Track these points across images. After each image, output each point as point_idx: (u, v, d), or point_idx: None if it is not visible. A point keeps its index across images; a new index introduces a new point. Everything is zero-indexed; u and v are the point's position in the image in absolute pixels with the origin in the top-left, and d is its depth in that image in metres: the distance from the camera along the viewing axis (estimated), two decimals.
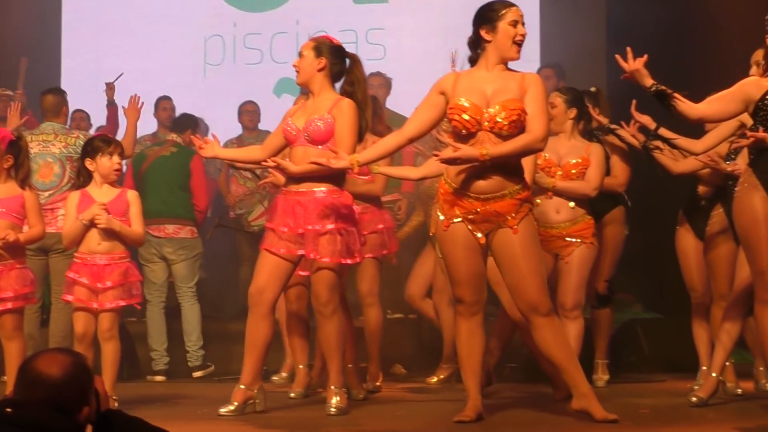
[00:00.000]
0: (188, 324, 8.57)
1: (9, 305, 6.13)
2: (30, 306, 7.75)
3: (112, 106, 9.60)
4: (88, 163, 6.38)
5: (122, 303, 6.32)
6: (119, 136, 8.26)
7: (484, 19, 5.42)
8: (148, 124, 9.85)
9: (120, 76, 9.60)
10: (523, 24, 5.41)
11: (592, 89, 7.59)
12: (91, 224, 6.26)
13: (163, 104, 9.97)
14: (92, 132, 9.32)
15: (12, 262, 6.16)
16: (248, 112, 10.07)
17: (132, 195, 6.47)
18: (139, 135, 9.15)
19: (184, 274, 8.61)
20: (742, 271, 6.01)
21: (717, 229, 6.60)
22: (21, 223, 6.22)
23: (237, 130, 10.10)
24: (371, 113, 6.30)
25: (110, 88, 9.61)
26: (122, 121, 8.74)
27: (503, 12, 5.40)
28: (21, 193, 6.17)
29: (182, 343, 8.57)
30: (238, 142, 9.77)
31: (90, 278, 6.26)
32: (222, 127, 9.43)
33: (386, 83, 9.37)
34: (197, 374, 8.43)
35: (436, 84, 5.52)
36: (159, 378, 8.45)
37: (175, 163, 8.66)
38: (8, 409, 3.14)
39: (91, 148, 6.42)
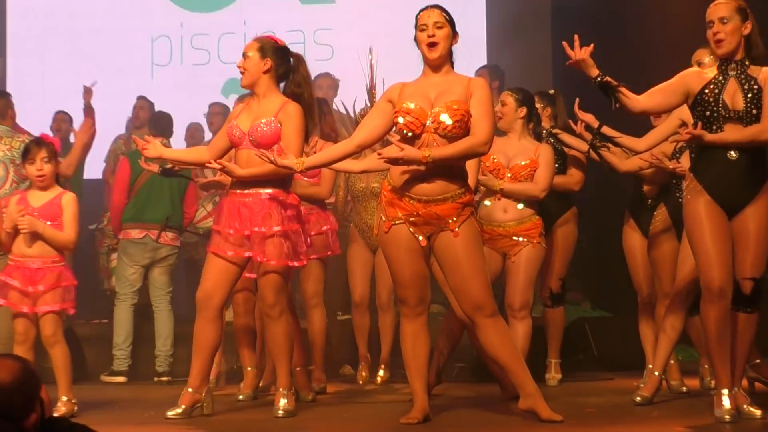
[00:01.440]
0: (163, 328, 8.54)
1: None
2: None
3: (89, 110, 9.57)
4: (25, 168, 6.43)
5: (56, 308, 6.28)
6: (98, 141, 8.39)
7: (414, 28, 5.52)
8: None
9: (94, 83, 9.56)
10: (436, 26, 5.44)
11: (551, 91, 7.69)
12: (16, 229, 6.26)
13: (140, 103, 9.95)
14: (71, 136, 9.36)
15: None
16: (216, 114, 10.05)
17: (67, 198, 6.40)
18: (120, 134, 9.27)
19: (165, 280, 8.63)
20: (684, 269, 6.09)
21: (660, 228, 6.67)
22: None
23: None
24: (318, 114, 6.32)
25: (87, 91, 9.54)
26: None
27: (417, 17, 5.51)
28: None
29: (144, 346, 8.54)
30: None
31: (22, 281, 6.24)
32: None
33: (334, 84, 9.41)
34: (162, 379, 8.40)
35: (384, 93, 5.61)
36: (120, 379, 8.43)
37: None
38: None
39: (24, 152, 6.42)
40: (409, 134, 5.38)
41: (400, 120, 5.40)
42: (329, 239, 7.18)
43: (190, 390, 5.99)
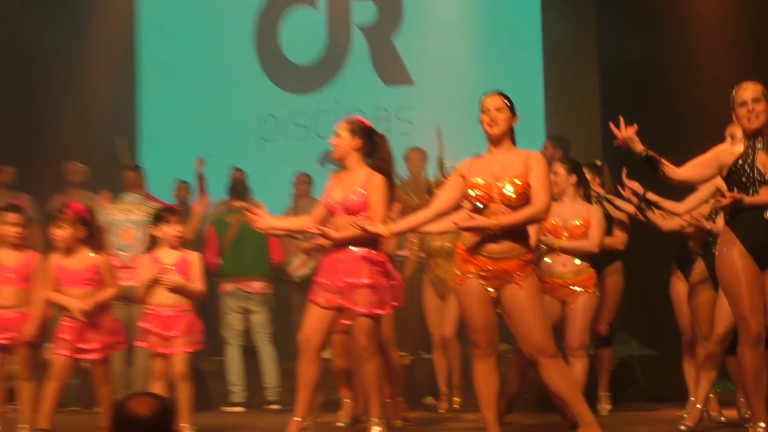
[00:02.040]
0: (267, 364, 8.66)
1: (98, 355, 6.31)
2: None
3: (201, 178, 9.84)
4: (154, 230, 6.54)
5: (188, 350, 6.42)
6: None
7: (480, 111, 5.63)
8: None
9: (209, 156, 9.82)
10: (496, 109, 5.53)
11: (597, 162, 7.73)
12: (156, 282, 6.39)
13: (236, 174, 10.15)
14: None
15: (101, 317, 6.33)
16: (303, 183, 10.22)
17: (194, 257, 6.57)
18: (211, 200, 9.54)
19: (264, 323, 8.74)
20: (721, 316, 6.10)
21: (698, 279, 6.66)
22: (98, 286, 6.35)
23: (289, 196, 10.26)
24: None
25: (200, 161, 9.81)
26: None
27: (481, 102, 5.61)
28: (94, 260, 6.33)
29: (258, 379, 8.65)
30: (294, 208, 9.90)
31: (160, 327, 6.38)
32: (277, 195, 9.63)
33: (423, 156, 9.52)
34: (273, 407, 8.48)
35: (456, 168, 5.71)
36: (238, 409, 8.54)
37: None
38: None
39: (156, 218, 6.58)
40: (480, 205, 5.48)
41: (471, 193, 5.50)
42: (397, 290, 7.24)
43: (297, 419, 6.08)
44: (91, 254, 6.32)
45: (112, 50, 11.71)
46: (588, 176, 7.24)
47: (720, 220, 6.30)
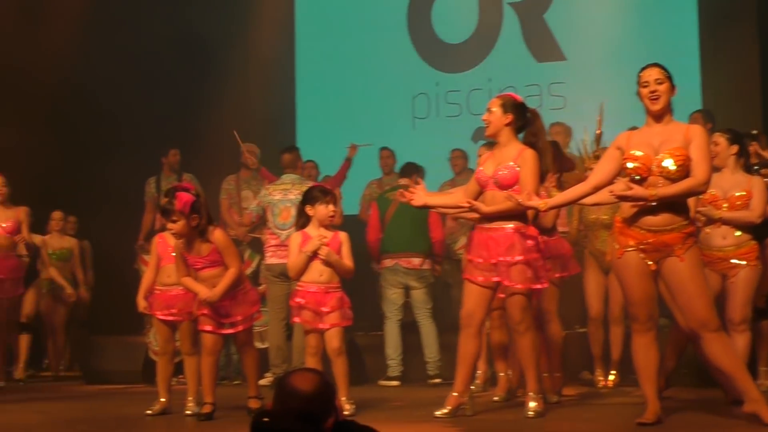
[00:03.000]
0: (427, 338, 8.65)
1: (240, 327, 6.39)
2: (279, 322, 8.09)
3: (347, 161, 9.92)
4: (308, 209, 6.50)
5: (341, 324, 6.40)
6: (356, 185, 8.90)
7: (637, 85, 5.45)
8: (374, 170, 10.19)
9: (368, 145, 9.86)
10: (656, 82, 5.37)
11: (753, 132, 7.45)
12: (314, 255, 6.41)
13: (386, 153, 10.20)
14: (320, 179, 9.69)
15: (239, 290, 6.36)
16: (459, 158, 10.19)
17: (343, 236, 6.54)
18: (372, 179, 9.72)
19: (424, 299, 8.72)
20: None
21: None
22: (220, 267, 6.30)
23: (445, 173, 10.22)
24: (551, 158, 6.30)
25: (354, 147, 9.91)
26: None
27: (639, 75, 5.46)
28: (213, 242, 6.29)
29: (415, 354, 8.64)
30: (451, 183, 9.85)
31: (313, 303, 6.39)
32: (430, 173, 9.61)
33: (565, 131, 9.33)
34: (434, 381, 8.45)
35: (614, 141, 5.56)
36: (394, 383, 8.55)
37: None
38: (265, 419, 3.29)
39: (311, 197, 6.53)
40: (637, 177, 5.32)
41: (629, 165, 5.35)
42: (565, 263, 7.11)
43: (455, 394, 6.06)
44: (209, 237, 6.26)
45: (271, 37, 11.88)
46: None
47: None
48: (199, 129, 11.11)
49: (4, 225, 8.84)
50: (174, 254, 6.52)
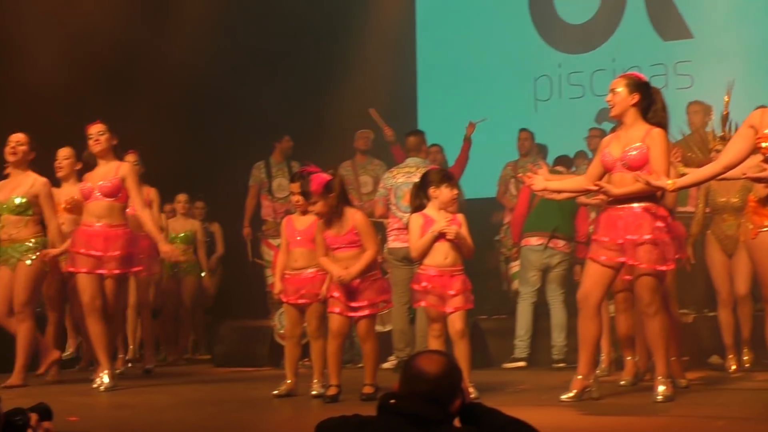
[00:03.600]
0: (557, 322, 8.51)
1: (365, 312, 6.37)
2: (401, 306, 8.09)
3: (467, 141, 9.86)
4: (432, 191, 6.39)
5: (465, 308, 6.33)
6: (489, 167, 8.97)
7: None
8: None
9: (483, 120, 9.82)
10: None
11: None
12: (441, 236, 6.34)
13: (524, 135, 10.10)
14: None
15: (370, 276, 6.36)
16: (595, 137, 9.87)
17: (461, 217, 6.46)
18: (509, 161, 9.81)
19: (561, 282, 8.58)
20: None
21: None
22: (356, 248, 6.31)
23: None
24: None
25: (471, 125, 9.85)
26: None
27: None
28: (352, 222, 6.31)
29: (542, 338, 8.54)
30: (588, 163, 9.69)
31: (437, 286, 6.33)
32: (553, 155, 9.48)
33: (704, 110, 9.06)
34: (558, 365, 8.32)
35: (746, 119, 5.35)
36: (520, 364, 8.45)
37: None
38: (392, 401, 3.28)
39: (437, 178, 6.43)
40: None
41: (763, 145, 5.14)
42: (677, 245, 6.90)
43: (579, 377, 5.96)
44: (349, 217, 6.31)
45: (391, 23, 11.88)
46: None
47: None
48: (322, 116, 11.20)
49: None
50: (299, 238, 6.57)
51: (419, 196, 6.46)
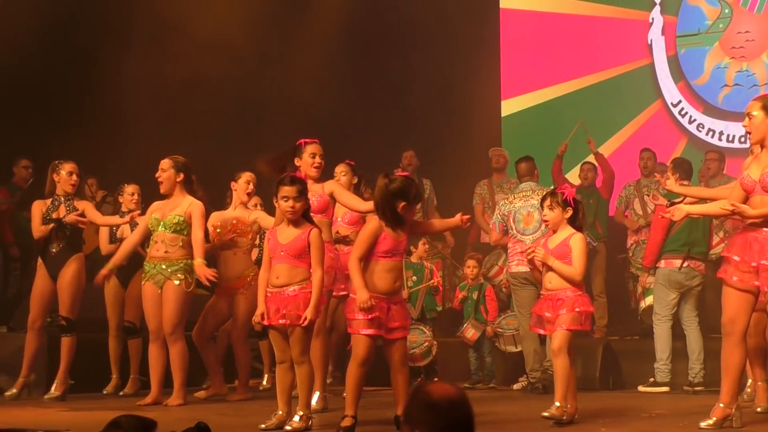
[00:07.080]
0: (694, 345, 8.20)
1: (400, 334, 5.85)
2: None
3: (598, 156, 9.67)
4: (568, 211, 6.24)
5: (570, 328, 6.10)
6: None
7: None
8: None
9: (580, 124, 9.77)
10: None
11: None
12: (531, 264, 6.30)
13: (647, 155, 9.89)
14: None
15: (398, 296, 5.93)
16: (713, 161, 9.63)
17: (577, 238, 6.19)
18: (630, 181, 9.76)
19: (694, 303, 8.30)
20: None
21: None
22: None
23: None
24: None
25: (589, 141, 9.75)
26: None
27: None
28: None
29: (678, 360, 8.28)
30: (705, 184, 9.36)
31: (550, 310, 6.17)
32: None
33: None
34: (696, 388, 8.01)
35: None
36: (663, 389, 8.15)
37: None
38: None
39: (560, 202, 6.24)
40: None
41: None
42: None
43: (721, 405, 5.74)
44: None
45: (474, 41, 11.77)
46: None
47: None
48: (440, 134, 11.23)
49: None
50: (282, 252, 5.97)
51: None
